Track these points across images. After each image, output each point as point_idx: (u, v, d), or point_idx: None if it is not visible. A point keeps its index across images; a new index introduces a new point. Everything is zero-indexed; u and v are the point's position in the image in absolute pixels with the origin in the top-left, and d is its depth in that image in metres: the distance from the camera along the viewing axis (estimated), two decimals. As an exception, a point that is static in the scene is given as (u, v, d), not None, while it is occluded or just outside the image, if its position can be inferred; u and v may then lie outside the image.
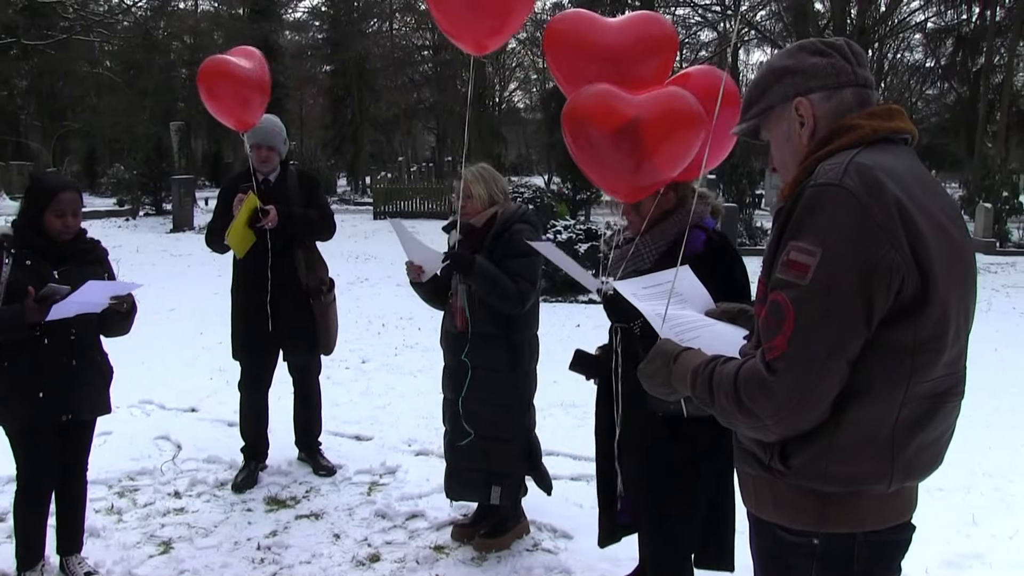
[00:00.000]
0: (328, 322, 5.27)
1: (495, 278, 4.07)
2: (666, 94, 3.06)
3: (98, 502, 4.79)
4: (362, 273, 13.42)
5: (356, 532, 4.53)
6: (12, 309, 3.55)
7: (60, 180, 3.86)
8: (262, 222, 4.89)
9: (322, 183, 6.02)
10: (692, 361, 2.04)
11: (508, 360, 4.22)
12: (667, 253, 3.16)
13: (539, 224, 4.45)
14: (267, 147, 5.05)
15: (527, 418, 4.41)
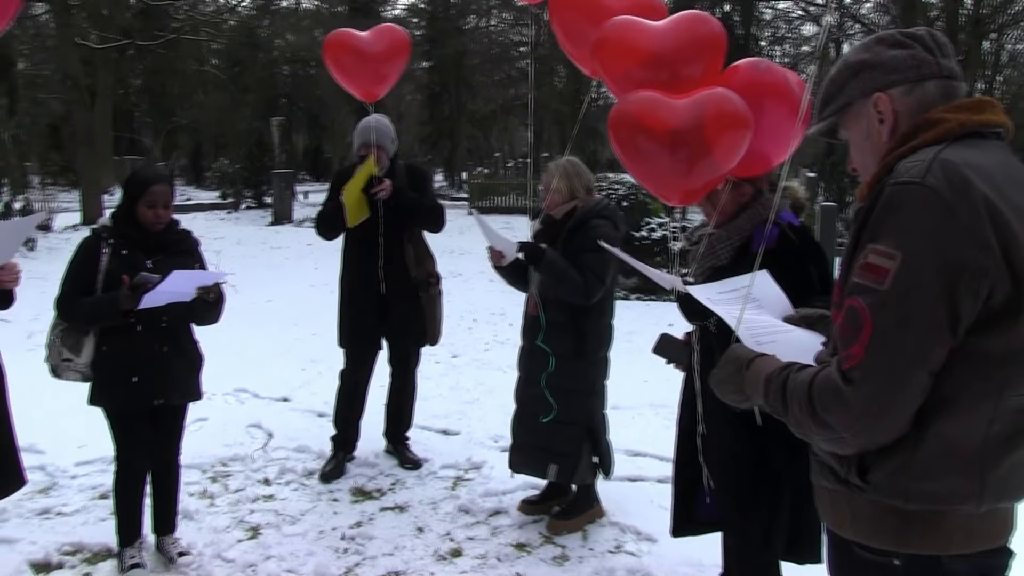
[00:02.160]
0: (435, 314, 5.33)
1: (562, 270, 4.19)
2: (710, 97, 2.96)
3: (192, 486, 4.92)
4: (455, 268, 13.49)
5: (439, 526, 4.54)
6: (108, 296, 3.68)
7: (153, 173, 3.97)
8: (376, 189, 4.95)
9: (430, 177, 6.09)
10: (765, 368, 1.95)
11: (574, 347, 4.32)
12: (742, 248, 3.10)
13: (619, 220, 4.46)
14: (377, 147, 5.11)
15: (591, 403, 4.46)
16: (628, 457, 5.26)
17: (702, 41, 3.12)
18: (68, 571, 4.06)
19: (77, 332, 3.80)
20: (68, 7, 20.32)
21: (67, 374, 3.83)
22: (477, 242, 4.57)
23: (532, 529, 4.50)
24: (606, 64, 3.24)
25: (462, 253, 15.33)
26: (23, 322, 7.23)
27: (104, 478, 4.75)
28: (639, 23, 3.19)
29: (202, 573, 4.00)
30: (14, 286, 3.39)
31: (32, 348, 4.34)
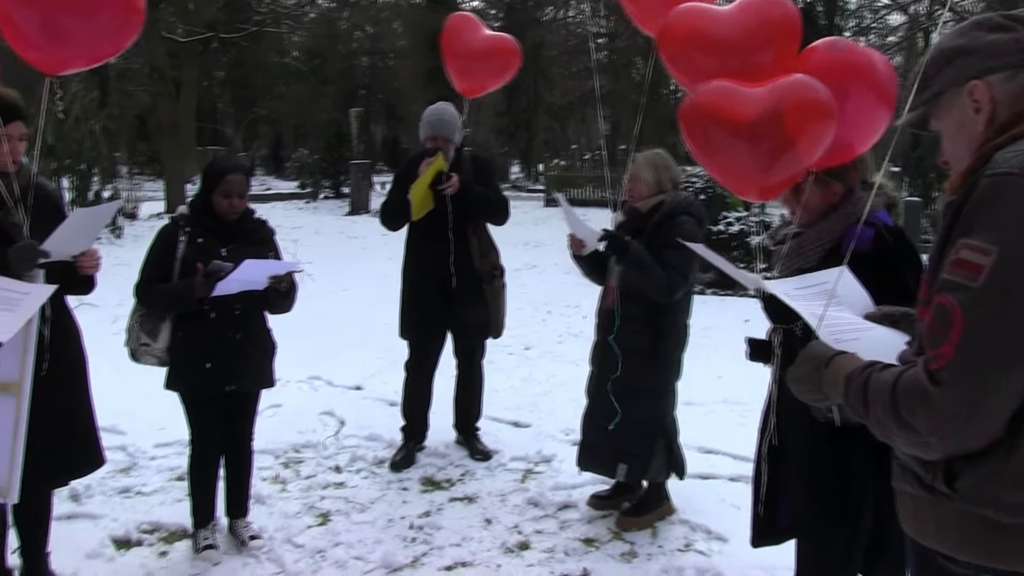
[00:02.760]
0: (499, 307, 5.31)
1: (646, 265, 4.10)
2: (789, 84, 2.79)
3: (265, 471, 5.00)
4: (530, 260, 13.48)
5: (507, 518, 4.53)
6: (184, 283, 3.76)
7: (229, 163, 4.03)
8: (444, 185, 4.96)
9: (496, 168, 6.08)
10: (846, 366, 1.85)
11: (650, 345, 4.24)
12: (832, 251, 2.89)
13: (704, 217, 4.38)
14: (443, 138, 5.11)
15: (663, 403, 4.39)
16: (700, 454, 5.18)
17: (774, 26, 2.96)
18: (146, 548, 4.17)
19: (155, 318, 3.89)
20: (156, 2, 20.81)
21: (145, 358, 3.93)
22: (553, 234, 4.54)
23: (601, 524, 4.47)
24: (671, 53, 3.12)
25: (537, 245, 15.32)
26: (109, 307, 7.43)
27: (181, 460, 4.85)
28: (706, 8, 3.06)
29: (272, 557, 4.06)
30: (95, 271, 3.48)
31: (116, 332, 4.46)
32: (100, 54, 3.33)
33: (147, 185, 23.50)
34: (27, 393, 3.18)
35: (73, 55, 3.20)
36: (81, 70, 3.36)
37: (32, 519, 3.62)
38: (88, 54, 3.26)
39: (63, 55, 3.16)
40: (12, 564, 3.65)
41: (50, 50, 3.10)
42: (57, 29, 3.04)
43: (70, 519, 4.36)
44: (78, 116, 14.98)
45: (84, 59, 3.28)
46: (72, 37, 3.10)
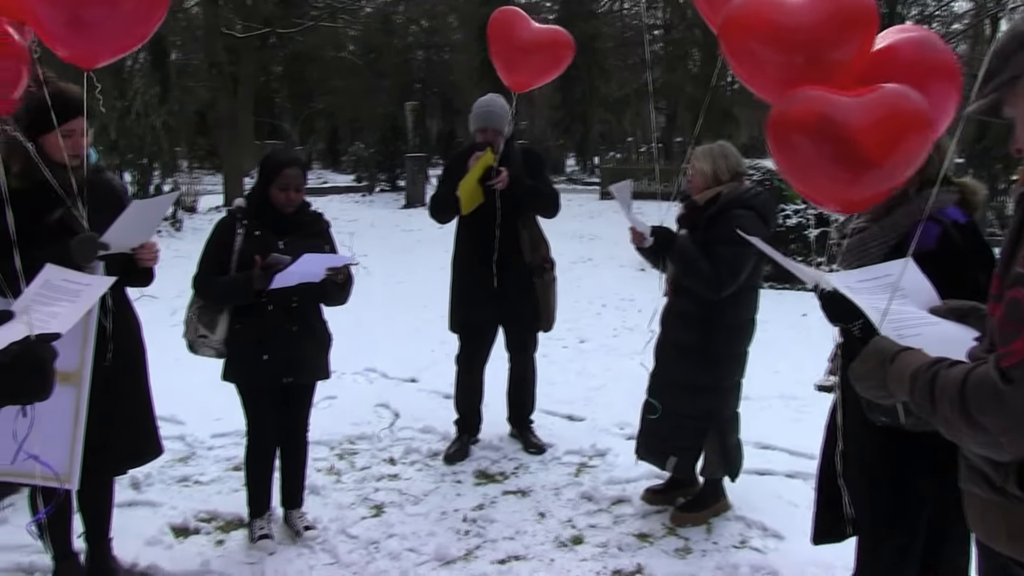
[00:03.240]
0: (549, 300, 5.28)
1: (692, 260, 4.02)
2: (887, 95, 2.64)
3: (320, 462, 5.04)
4: (585, 253, 13.43)
5: (561, 512, 4.50)
6: (242, 276, 3.79)
7: (286, 156, 4.06)
8: (493, 181, 4.95)
9: (547, 161, 6.04)
10: (912, 363, 1.78)
11: (701, 339, 4.16)
12: (897, 248, 2.75)
13: (767, 211, 4.21)
14: (492, 130, 5.09)
15: (718, 399, 4.30)
16: (756, 450, 5.10)
17: (848, 18, 2.70)
18: (203, 537, 4.23)
19: (212, 310, 3.93)
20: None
21: (202, 350, 3.98)
22: (608, 227, 4.50)
23: (655, 519, 4.42)
24: (732, 47, 2.98)
25: (592, 238, 15.25)
26: (168, 299, 7.55)
27: (238, 451, 4.91)
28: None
29: (327, 548, 4.08)
30: (153, 264, 3.53)
31: (175, 324, 4.53)
32: (127, 44, 3.35)
33: (206, 179, 23.89)
34: (87, 383, 3.24)
35: (101, 48, 3.22)
36: (111, 61, 3.37)
37: (95, 506, 3.70)
38: (115, 45, 3.28)
39: (91, 49, 3.18)
40: (78, 548, 3.73)
41: (78, 45, 3.13)
42: (83, 23, 3.06)
43: (131, 506, 4.43)
44: (139, 112, 15.25)
45: (112, 51, 3.29)
46: (98, 30, 3.11)
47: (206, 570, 3.90)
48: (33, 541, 3.57)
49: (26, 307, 2.29)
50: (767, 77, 2.82)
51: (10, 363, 1.93)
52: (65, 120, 3.25)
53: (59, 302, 2.34)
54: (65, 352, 2.12)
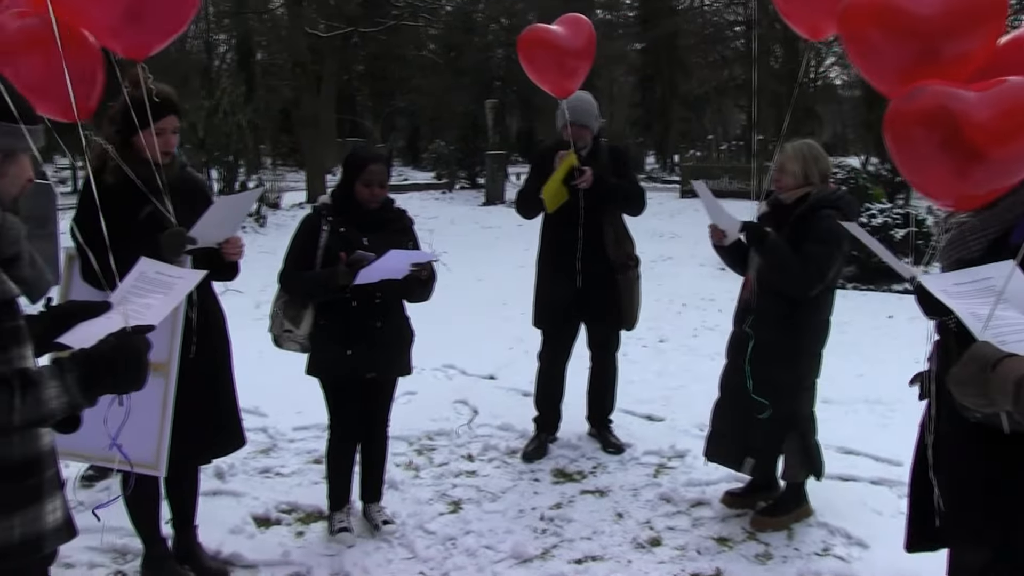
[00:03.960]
0: (632, 297, 5.23)
1: (784, 258, 3.97)
2: (1010, 90, 2.48)
3: (399, 457, 5.08)
4: (665, 251, 13.30)
5: (639, 513, 4.46)
6: (326, 272, 3.84)
7: (370, 153, 4.10)
8: (577, 180, 4.92)
9: (632, 158, 6.00)
10: (1017, 370, 1.71)
11: (785, 339, 4.09)
12: (999, 241, 2.62)
13: (852, 212, 4.15)
14: (580, 124, 5.06)
15: (798, 400, 4.22)
16: (840, 455, 4.98)
17: (977, 8, 2.60)
18: (284, 528, 4.30)
19: (298, 305, 3.99)
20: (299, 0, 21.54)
21: (287, 344, 4.04)
22: (689, 226, 4.45)
23: (735, 523, 4.35)
24: (851, 34, 2.88)
25: (672, 236, 15.11)
26: (252, 293, 7.71)
27: (318, 444, 4.98)
28: None
29: (404, 542, 4.11)
30: (238, 258, 3.60)
31: (259, 318, 4.64)
32: (173, 29, 3.42)
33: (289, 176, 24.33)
34: (175, 374, 3.33)
35: (151, 36, 3.29)
36: (159, 49, 3.44)
37: (181, 493, 3.80)
38: (163, 31, 3.35)
39: (142, 39, 3.25)
40: (166, 533, 3.83)
41: (130, 36, 3.19)
42: (135, 14, 3.12)
43: (215, 495, 4.53)
44: (226, 110, 15.61)
45: (160, 38, 3.36)
46: (147, 19, 3.18)
47: (286, 560, 3.96)
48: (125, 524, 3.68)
49: (122, 298, 2.36)
50: (887, 67, 2.72)
51: (109, 353, 1.98)
52: (159, 118, 3.34)
53: (153, 294, 2.40)
54: (156, 343, 2.17)
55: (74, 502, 3.72)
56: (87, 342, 2.03)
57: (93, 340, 2.02)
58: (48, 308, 2.30)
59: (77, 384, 1.92)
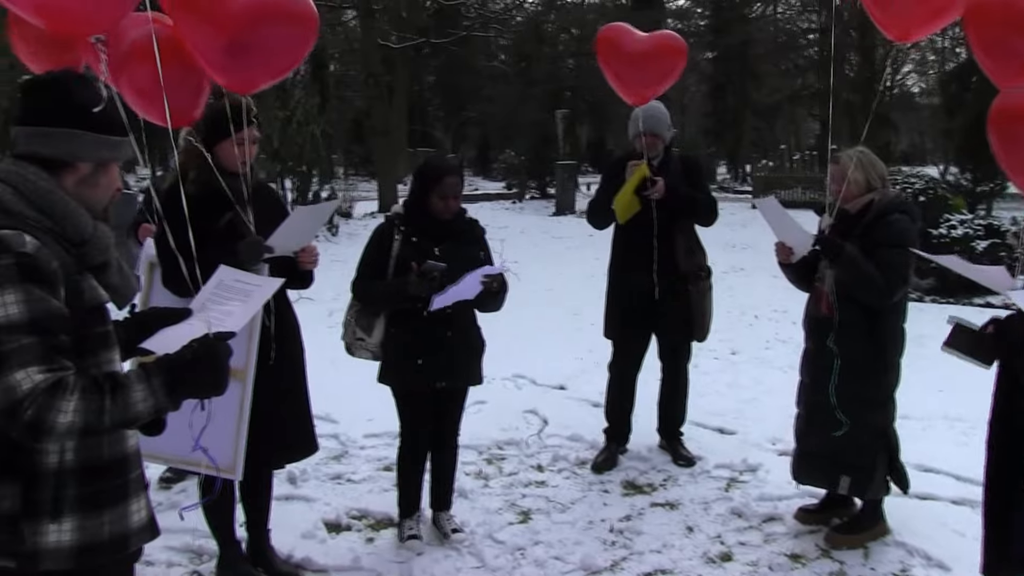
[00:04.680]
0: (704, 308, 5.19)
1: (862, 268, 3.90)
2: None
3: (468, 466, 5.09)
4: (737, 262, 13.16)
5: (710, 528, 4.40)
6: (398, 281, 3.88)
7: (445, 164, 4.13)
8: (649, 191, 4.90)
9: (704, 169, 5.96)
10: None
11: (871, 351, 4.02)
12: None
13: (918, 214, 4.13)
14: (652, 134, 5.04)
15: (885, 413, 4.14)
16: (919, 473, 4.83)
17: None
18: (355, 533, 4.35)
19: (370, 314, 4.04)
20: (372, 11, 21.85)
21: (359, 352, 4.09)
22: (761, 236, 4.38)
23: (808, 540, 4.26)
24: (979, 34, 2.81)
25: (744, 247, 14.93)
26: (325, 301, 7.83)
27: (389, 451, 5.03)
28: None
29: (473, 551, 4.12)
30: (313, 267, 3.66)
31: (332, 326, 4.71)
32: (281, 71, 3.47)
33: (361, 185, 24.67)
34: (251, 380, 3.40)
35: (258, 75, 3.34)
36: (267, 87, 3.51)
37: (255, 497, 3.86)
38: (271, 73, 3.40)
39: (248, 76, 3.31)
40: (240, 536, 3.90)
41: (236, 73, 3.26)
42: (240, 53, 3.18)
43: (288, 500, 4.59)
44: (300, 121, 15.88)
45: (267, 77, 3.41)
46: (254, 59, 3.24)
47: (356, 566, 4.00)
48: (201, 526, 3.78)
49: (202, 305, 2.42)
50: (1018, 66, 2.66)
51: (192, 359, 2.05)
52: (240, 129, 3.41)
53: (232, 301, 2.45)
54: (235, 350, 2.22)
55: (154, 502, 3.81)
56: (169, 347, 2.11)
57: (175, 345, 2.10)
58: (132, 314, 2.38)
59: (162, 388, 1.99)
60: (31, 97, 2.12)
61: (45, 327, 1.92)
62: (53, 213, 2.04)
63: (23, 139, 2.08)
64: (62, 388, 1.88)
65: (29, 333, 1.89)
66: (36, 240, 1.96)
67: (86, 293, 2.06)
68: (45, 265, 1.95)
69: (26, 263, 1.92)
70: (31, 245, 1.94)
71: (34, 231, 1.98)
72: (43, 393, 1.86)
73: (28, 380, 1.86)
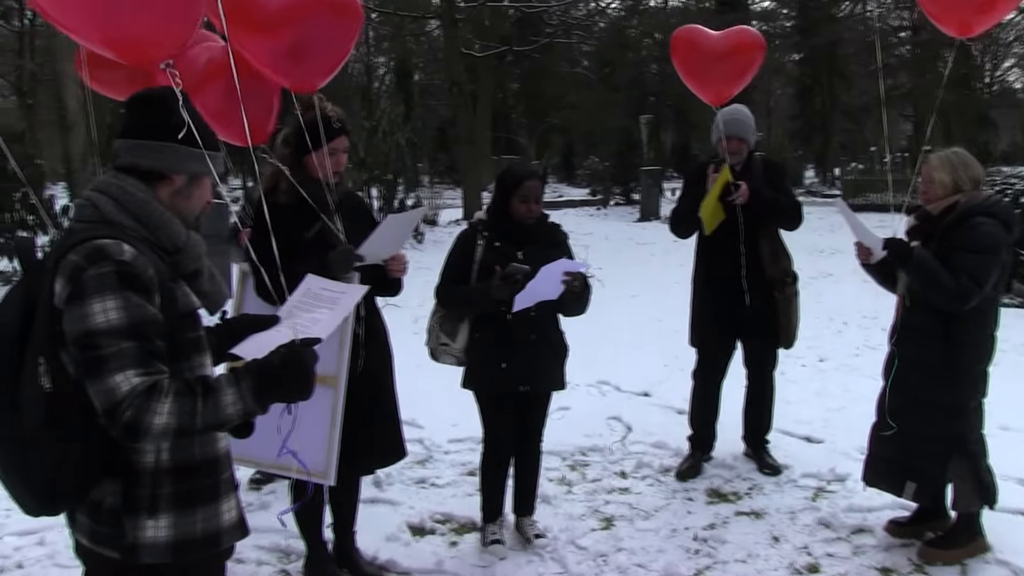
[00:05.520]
0: (790, 315, 5.10)
1: (931, 272, 3.80)
2: None
3: (552, 472, 5.10)
4: (825, 268, 12.90)
5: (796, 538, 4.32)
6: (481, 286, 3.92)
7: (526, 169, 4.16)
8: (733, 196, 4.85)
9: (788, 173, 5.87)
10: None
11: (943, 357, 3.89)
12: None
13: (1011, 219, 3.94)
14: (736, 138, 4.99)
15: (962, 421, 3.98)
16: (1017, 487, 4.66)
17: None
18: (438, 537, 4.39)
19: (454, 319, 4.08)
20: (455, 21, 22.06)
21: (443, 357, 4.14)
22: (850, 240, 4.29)
23: (900, 554, 4.14)
24: None
25: (832, 252, 14.64)
26: (410, 308, 7.90)
27: (472, 456, 5.07)
28: None
29: (556, 557, 4.12)
30: (402, 275, 3.72)
31: (417, 332, 4.77)
32: (335, 64, 3.55)
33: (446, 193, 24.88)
34: (343, 385, 3.46)
35: (315, 72, 3.43)
36: (326, 82, 3.59)
37: (344, 500, 3.93)
38: (326, 67, 3.48)
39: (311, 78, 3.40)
40: (327, 537, 3.98)
41: (295, 74, 3.34)
42: (296, 55, 3.27)
43: (373, 503, 4.67)
44: (385, 130, 16.12)
45: (325, 73, 3.50)
46: (309, 58, 3.32)
47: (440, 570, 4.04)
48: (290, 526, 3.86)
49: (290, 313, 2.49)
50: None
51: (280, 364, 2.12)
52: (331, 139, 3.50)
53: (319, 309, 2.51)
54: (325, 356, 2.28)
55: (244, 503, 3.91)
56: (258, 353, 2.19)
57: (263, 351, 2.17)
58: (223, 321, 2.46)
59: (251, 392, 2.06)
60: (133, 112, 2.23)
61: (142, 332, 2.00)
62: (149, 223, 2.14)
63: (124, 151, 2.19)
64: (157, 391, 1.96)
65: (128, 338, 1.97)
66: (134, 248, 2.05)
67: (179, 300, 2.14)
68: (142, 272, 2.04)
69: (125, 271, 2.01)
70: (129, 253, 2.03)
71: (131, 240, 2.07)
72: (140, 396, 1.94)
73: (127, 383, 1.95)
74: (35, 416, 1.99)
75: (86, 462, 2.05)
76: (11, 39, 29.39)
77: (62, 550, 3.96)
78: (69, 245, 2.04)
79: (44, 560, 4.10)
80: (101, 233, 2.06)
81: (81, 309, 1.98)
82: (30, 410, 2.00)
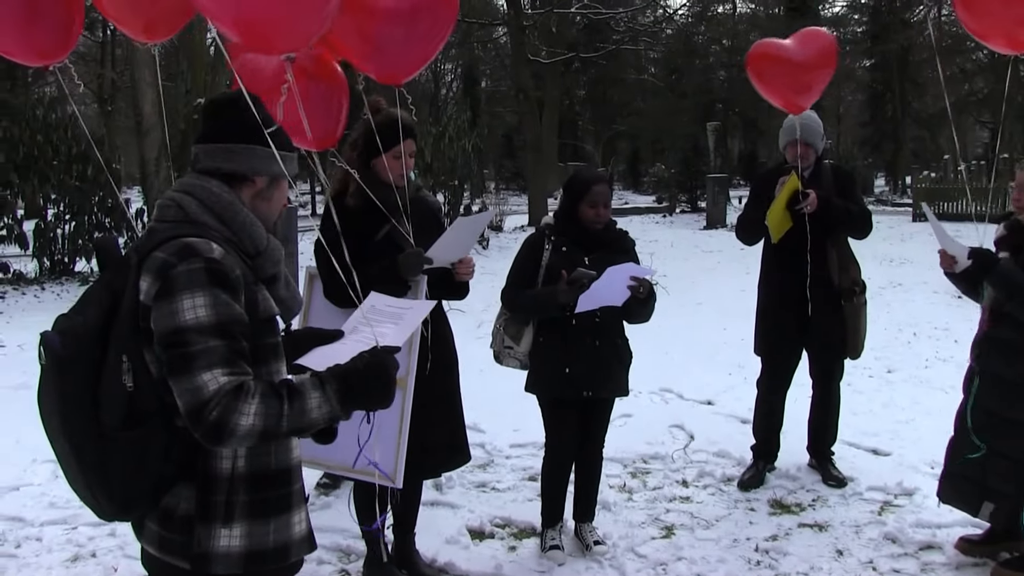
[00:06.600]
0: (858, 325, 5.02)
1: (1016, 285, 3.70)
2: None
3: (612, 478, 5.09)
4: (895, 277, 12.65)
5: (861, 552, 4.24)
6: (548, 290, 3.93)
7: (594, 174, 4.17)
8: (801, 204, 4.79)
9: (857, 180, 5.77)
10: None
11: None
12: None
13: None
14: (804, 143, 4.93)
15: None
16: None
17: None
18: (497, 541, 4.41)
19: (519, 322, 4.10)
20: (522, 28, 22.15)
21: (507, 361, 4.16)
22: (921, 250, 4.21)
23: (971, 572, 4.04)
24: None
25: (903, 262, 14.35)
26: (475, 312, 7.97)
27: (533, 462, 5.08)
28: None
29: (615, 564, 4.11)
30: (469, 279, 3.75)
31: (480, 336, 4.82)
32: (423, 59, 3.56)
33: (512, 199, 24.99)
34: (411, 389, 3.49)
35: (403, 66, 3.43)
36: (413, 76, 3.59)
37: (406, 502, 3.97)
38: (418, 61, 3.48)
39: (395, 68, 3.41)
40: (388, 539, 4.02)
41: (385, 66, 3.35)
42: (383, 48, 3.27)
43: (433, 506, 4.71)
44: (452, 136, 16.25)
45: (413, 67, 3.51)
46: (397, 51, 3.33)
47: (498, 574, 4.05)
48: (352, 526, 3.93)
49: (354, 328, 2.47)
50: None
51: (364, 369, 2.11)
52: (398, 143, 3.53)
53: (385, 324, 2.47)
54: (397, 359, 2.27)
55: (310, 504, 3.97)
56: (323, 365, 2.15)
57: (329, 363, 2.14)
58: (286, 333, 2.43)
59: (336, 396, 2.04)
60: (213, 116, 2.24)
61: (230, 331, 1.98)
62: (233, 224, 2.14)
63: (205, 155, 2.19)
64: (244, 391, 1.94)
65: (216, 336, 1.95)
66: (221, 247, 2.06)
67: (260, 304, 2.12)
68: (230, 271, 2.03)
69: (214, 268, 2.00)
70: (218, 252, 2.03)
71: (216, 240, 2.07)
72: (227, 395, 1.91)
73: (215, 381, 1.92)
74: (116, 415, 1.98)
75: (163, 464, 2.03)
76: (93, 48, 30.42)
77: (131, 542, 4.06)
78: (154, 243, 2.04)
79: (115, 551, 4.22)
80: (187, 232, 2.05)
81: (171, 305, 1.96)
82: (111, 408, 1.98)
